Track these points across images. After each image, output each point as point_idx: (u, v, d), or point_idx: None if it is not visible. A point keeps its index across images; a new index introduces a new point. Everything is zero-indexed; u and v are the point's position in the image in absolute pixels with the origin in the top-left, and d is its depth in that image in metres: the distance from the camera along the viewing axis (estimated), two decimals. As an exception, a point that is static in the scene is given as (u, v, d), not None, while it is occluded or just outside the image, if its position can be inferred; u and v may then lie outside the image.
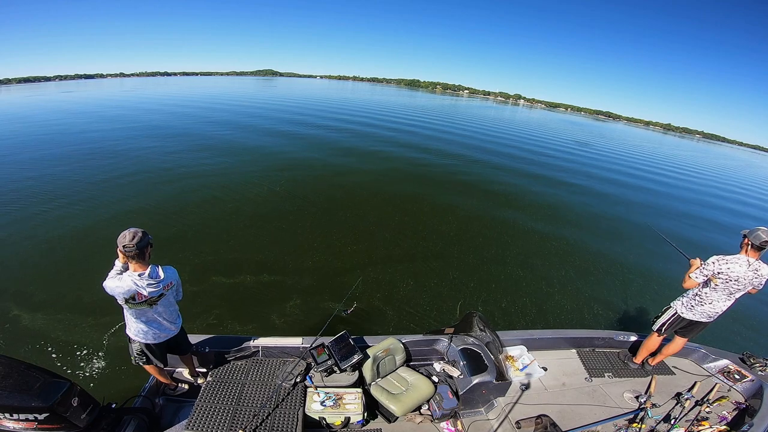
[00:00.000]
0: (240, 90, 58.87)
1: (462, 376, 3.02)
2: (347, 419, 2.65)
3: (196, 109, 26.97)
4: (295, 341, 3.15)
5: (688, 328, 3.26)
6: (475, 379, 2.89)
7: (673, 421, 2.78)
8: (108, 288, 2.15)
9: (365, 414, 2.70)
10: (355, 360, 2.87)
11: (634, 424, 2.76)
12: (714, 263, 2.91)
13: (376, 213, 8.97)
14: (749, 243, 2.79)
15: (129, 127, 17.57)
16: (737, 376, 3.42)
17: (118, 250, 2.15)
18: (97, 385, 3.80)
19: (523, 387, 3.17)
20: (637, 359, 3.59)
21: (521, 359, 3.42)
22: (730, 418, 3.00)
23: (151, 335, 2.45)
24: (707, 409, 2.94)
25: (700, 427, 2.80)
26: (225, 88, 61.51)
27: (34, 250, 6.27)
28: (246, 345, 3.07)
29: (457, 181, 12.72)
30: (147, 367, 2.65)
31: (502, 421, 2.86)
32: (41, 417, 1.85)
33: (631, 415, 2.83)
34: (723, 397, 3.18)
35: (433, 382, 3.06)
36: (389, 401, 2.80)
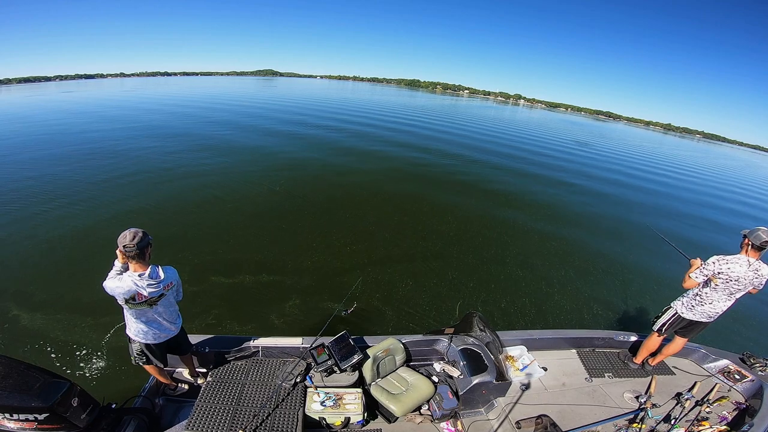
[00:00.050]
0: (240, 90, 58.85)
1: (462, 376, 3.01)
2: (347, 419, 2.65)
3: (196, 109, 26.97)
4: (295, 341, 3.15)
5: (688, 328, 3.26)
6: (475, 380, 2.88)
7: (673, 421, 2.78)
8: (108, 288, 2.15)
9: (365, 414, 2.70)
10: (355, 360, 2.87)
11: (634, 425, 2.76)
12: (714, 263, 2.91)
13: (375, 213, 8.97)
14: (749, 243, 2.79)
15: (129, 127, 17.58)
16: (737, 376, 3.41)
17: (118, 250, 2.15)
18: (97, 385, 3.80)
19: (523, 387, 3.17)
20: (637, 359, 3.59)
21: (521, 359, 3.42)
22: (730, 418, 2.99)
23: (151, 335, 2.45)
24: (707, 409, 2.94)
25: (701, 428, 2.80)
26: (225, 88, 61.50)
27: (34, 250, 6.27)
28: (246, 345, 3.07)
29: (457, 181, 12.72)
30: (147, 367, 2.65)
31: (502, 421, 2.86)
32: (41, 417, 1.84)
33: (632, 415, 2.83)
34: (723, 397, 3.18)
35: (433, 383, 3.06)
36: (389, 401, 2.80)
